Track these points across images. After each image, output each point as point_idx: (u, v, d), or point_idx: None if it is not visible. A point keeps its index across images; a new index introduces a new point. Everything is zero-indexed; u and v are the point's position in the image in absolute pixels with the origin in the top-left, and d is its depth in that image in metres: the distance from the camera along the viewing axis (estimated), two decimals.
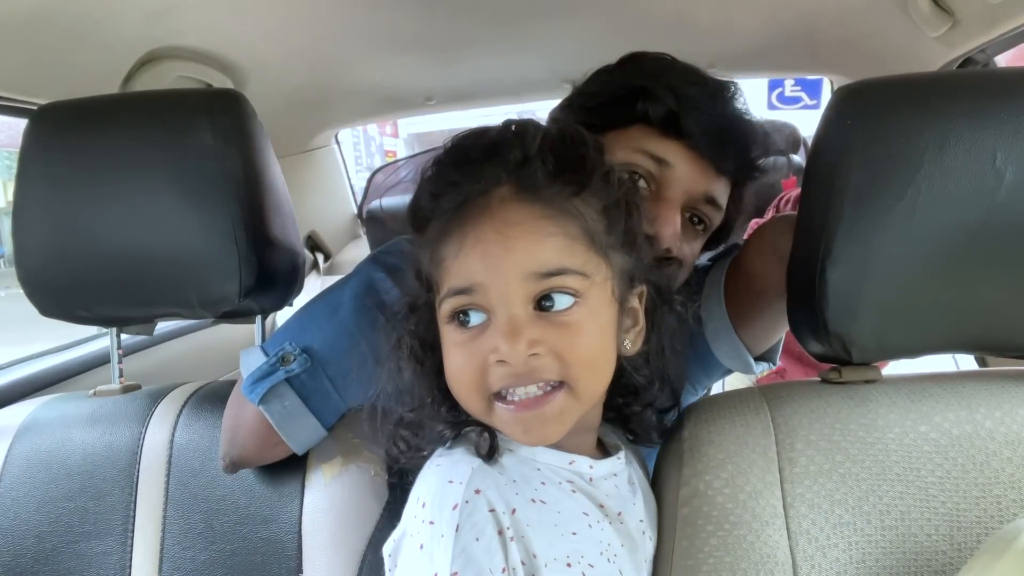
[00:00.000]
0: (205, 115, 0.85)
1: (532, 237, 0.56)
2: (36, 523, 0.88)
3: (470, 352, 0.57)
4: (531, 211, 0.56)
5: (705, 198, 0.86)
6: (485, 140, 0.60)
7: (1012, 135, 0.64)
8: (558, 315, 0.56)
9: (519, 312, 0.56)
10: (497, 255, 0.56)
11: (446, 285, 0.58)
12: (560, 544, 0.58)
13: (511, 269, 0.55)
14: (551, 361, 0.56)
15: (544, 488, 0.60)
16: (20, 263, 0.88)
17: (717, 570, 0.65)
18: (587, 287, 0.57)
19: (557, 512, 0.60)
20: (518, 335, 0.55)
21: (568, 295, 0.56)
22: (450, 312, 0.58)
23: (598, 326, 0.59)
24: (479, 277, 0.56)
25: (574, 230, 0.57)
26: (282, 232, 0.91)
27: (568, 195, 0.57)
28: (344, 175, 2.40)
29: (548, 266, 0.56)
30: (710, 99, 0.85)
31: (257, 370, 0.79)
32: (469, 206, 0.57)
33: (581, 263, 0.57)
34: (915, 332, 0.70)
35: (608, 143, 0.87)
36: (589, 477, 0.64)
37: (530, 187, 0.57)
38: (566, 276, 0.56)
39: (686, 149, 0.83)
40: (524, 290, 0.56)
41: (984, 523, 0.65)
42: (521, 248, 0.55)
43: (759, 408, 0.72)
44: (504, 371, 0.56)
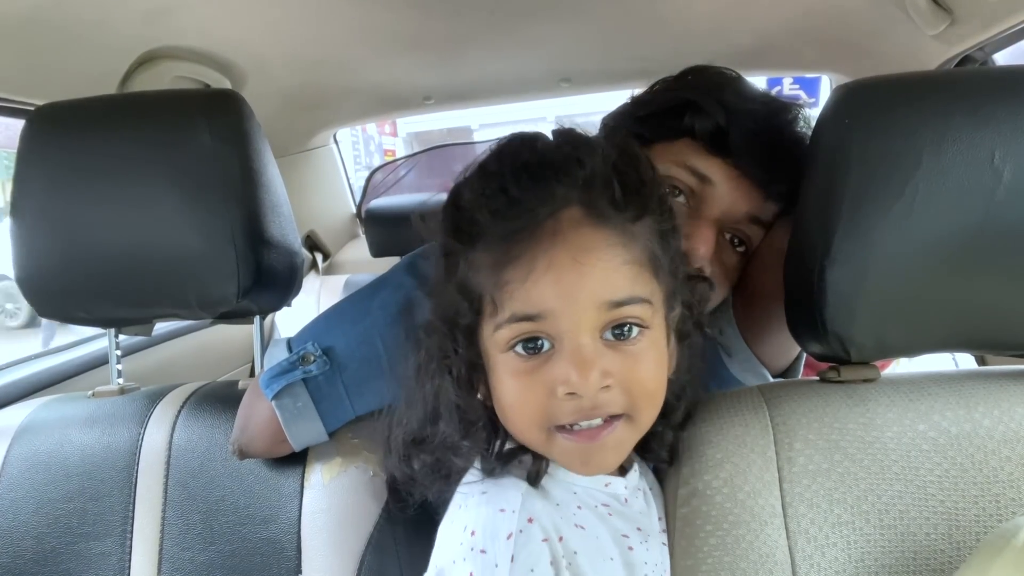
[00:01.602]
0: (203, 116, 0.85)
1: (607, 264, 0.54)
2: (35, 524, 0.88)
3: (533, 383, 0.55)
4: (604, 236, 0.54)
5: (748, 218, 0.84)
6: (546, 155, 0.56)
7: (1010, 134, 0.64)
8: (626, 345, 0.55)
9: (589, 342, 0.54)
10: (572, 282, 0.53)
11: (509, 310, 0.55)
12: (603, 568, 0.57)
13: (586, 297, 0.53)
14: (619, 395, 0.55)
15: (581, 512, 0.60)
16: (18, 264, 0.88)
17: (716, 570, 0.65)
18: (650, 315, 0.56)
19: (596, 537, 0.59)
20: (591, 367, 0.53)
21: (635, 324, 0.55)
22: (510, 340, 0.56)
23: (659, 354, 0.58)
24: (551, 304, 0.53)
25: (642, 256, 0.56)
26: (280, 232, 0.91)
27: (632, 219, 0.56)
28: (343, 175, 2.40)
29: (621, 294, 0.54)
30: (763, 118, 0.84)
31: (277, 365, 0.79)
32: (540, 228, 0.54)
33: (648, 291, 0.56)
34: (914, 331, 0.70)
35: (654, 155, 0.87)
36: (624, 498, 0.63)
37: (600, 211, 0.54)
38: (635, 305, 0.55)
39: (731, 168, 0.82)
40: (596, 319, 0.54)
41: (983, 521, 0.65)
42: (597, 276, 0.53)
43: (758, 407, 0.72)
44: (573, 404, 0.54)
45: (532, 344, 0.55)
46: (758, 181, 0.83)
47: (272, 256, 0.89)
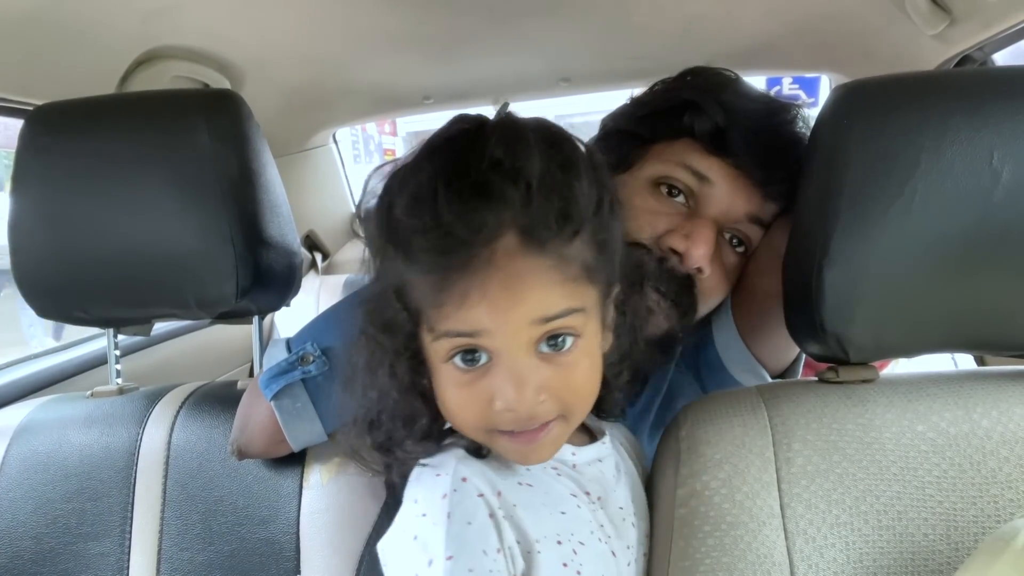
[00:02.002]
0: (202, 116, 0.84)
1: (541, 288, 0.54)
2: (34, 524, 0.88)
3: (473, 394, 0.56)
4: (538, 263, 0.53)
5: (748, 218, 0.85)
6: (480, 174, 0.53)
7: (1009, 134, 0.64)
8: (560, 356, 0.56)
9: (524, 358, 0.55)
10: (505, 308, 0.53)
11: (443, 327, 0.55)
12: (550, 521, 0.60)
13: (518, 318, 0.54)
14: (553, 404, 0.57)
15: (529, 472, 0.62)
16: (16, 264, 0.88)
17: (714, 570, 0.65)
18: (584, 322, 0.57)
19: (545, 492, 0.61)
20: (526, 384, 0.54)
21: (569, 335, 0.56)
22: (447, 352, 0.56)
23: (592, 356, 0.59)
24: (484, 324, 0.54)
25: (575, 271, 0.55)
26: (279, 232, 0.91)
27: (568, 239, 0.55)
28: (342, 174, 2.40)
29: (554, 310, 0.54)
30: (763, 118, 0.84)
31: (276, 366, 0.79)
32: (474, 259, 0.53)
33: (580, 301, 0.56)
34: (912, 331, 0.70)
35: (653, 154, 0.87)
36: (572, 464, 0.65)
37: (534, 237, 0.53)
38: (568, 317, 0.55)
39: (730, 168, 0.83)
40: (529, 335, 0.54)
41: (981, 522, 0.65)
42: (530, 299, 0.54)
43: (756, 408, 0.72)
44: (511, 416, 0.56)
45: (470, 356, 0.56)
46: (757, 181, 0.83)
47: (271, 256, 0.89)
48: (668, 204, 0.86)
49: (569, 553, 0.59)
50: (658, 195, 0.86)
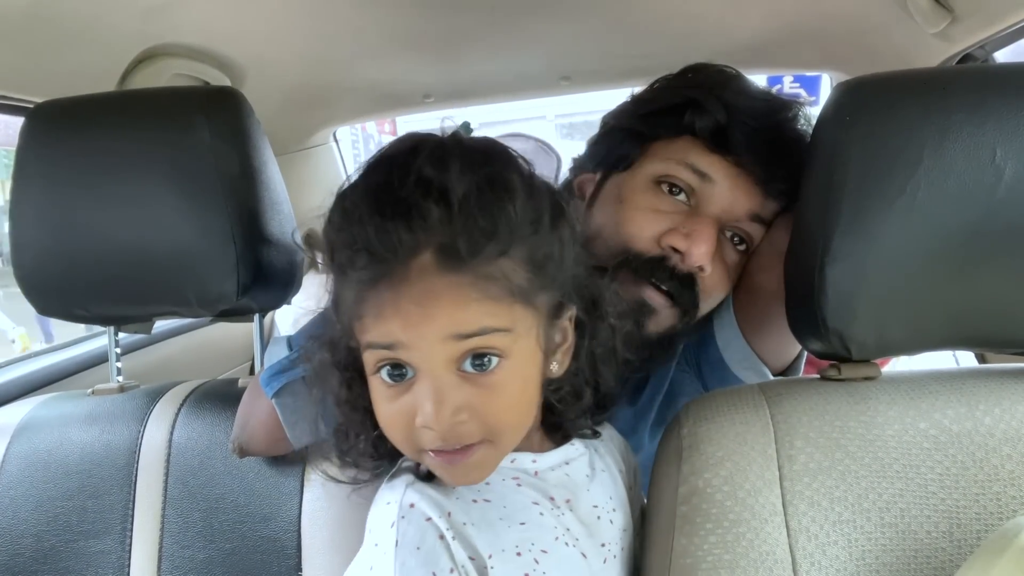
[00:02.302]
0: (202, 113, 0.84)
1: (454, 304, 0.53)
2: (34, 522, 0.88)
3: (398, 409, 0.56)
4: (452, 280, 0.53)
5: (749, 216, 0.85)
6: (403, 194, 0.53)
7: (1012, 131, 0.64)
8: (483, 377, 0.55)
9: (443, 375, 0.54)
10: (417, 323, 0.53)
11: (365, 339, 0.56)
12: (507, 534, 0.59)
13: (432, 333, 0.53)
14: (475, 426, 0.55)
15: (487, 487, 0.61)
16: (17, 262, 0.88)
17: (716, 568, 0.65)
18: (511, 343, 0.55)
19: (503, 507, 0.60)
20: (443, 402, 0.54)
21: (493, 355, 0.55)
22: (374, 364, 0.57)
23: (522, 380, 0.58)
24: (399, 337, 0.54)
25: (497, 291, 0.54)
26: (280, 230, 0.91)
27: (492, 256, 0.54)
28: (343, 173, 2.40)
29: (469, 327, 0.53)
30: (764, 116, 0.83)
31: (277, 363, 0.79)
32: (389, 275, 0.53)
33: (505, 321, 0.55)
34: (914, 329, 0.70)
35: (654, 152, 0.87)
36: (533, 471, 0.64)
37: (449, 257, 0.53)
38: (489, 336, 0.54)
39: (731, 165, 0.83)
40: (446, 352, 0.54)
41: (984, 520, 0.65)
42: (442, 316, 0.53)
43: (758, 405, 0.71)
44: (431, 435, 0.55)
45: (397, 371, 0.56)
46: (758, 179, 0.83)
47: (272, 254, 0.89)
48: (669, 202, 0.85)
49: (530, 563, 0.59)
50: (659, 193, 0.86)
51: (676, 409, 0.77)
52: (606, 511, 0.68)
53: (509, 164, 0.58)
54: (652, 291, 0.84)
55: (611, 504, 0.69)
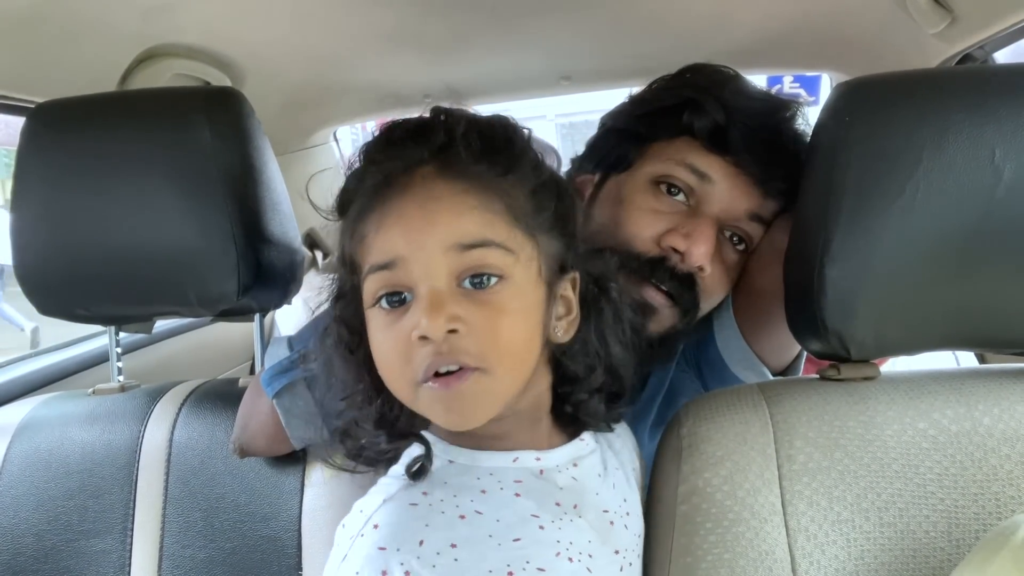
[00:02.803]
0: (203, 113, 0.84)
1: (454, 210, 0.55)
2: (35, 521, 0.88)
3: (394, 334, 0.55)
4: (454, 186, 0.55)
5: (748, 216, 0.85)
6: (411, 124, 0.60)
7: (1011, 132, 0.64)
8: (482, 293, 0.55)
9: (441, 287, 0.54)
10: (418, 228, 0.54)
11: (368, 262, 0.57)
12: (497, 553, 0.55)
13: (433, 242, 0.54)
14: (471, 343, 0.54)
15: (483, 497, 0.58)
16: (18, 261, 0.88)
17: (716, 567, 0.65)
18: (511, 264, 0.56)
19: (495, 521, 0.57)
20: (439, 309, 0.53)
21: (493, 275, 0.55)
22: (374, 294, 0.57)
23: (523, 306, 0.57)
24: (401, 251, 0.55)
25: (498, 206, 0.56)
26: (280, 230, 0.91)
27: (494, 175, 0.57)
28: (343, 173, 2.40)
29: (470, 238, 0.54)
30: (762, 116, 0.83)
31: (278, 364, 0.79)
32: (391, 183, 0.56)
33: (504, 238, 0.55)
34: (914, 329, 0.70)
35: (652, 153, 0.87)
36: (539, 470, 0.61)
37: (454, 165, 0.56)
38: (489, 249, 0.55)
39: (730, 165, 0.82)
40: (447, 264, 0.54)
41: (982, 519, 0.65)
42: (443, 221, 0.54)
43: (757, 405, 0.72)
44: (427, 350, 0.54)
45: (395, 298, 0.56)
46: (757, 178, 0.83)
47: (272, 254, 0.89)
48: (668, 203, 0.86)
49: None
50: (658, 194, 0.86)
51: (675, 409, 0.77)
52: (619, 515, 0.66)
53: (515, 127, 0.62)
54: (652, 291, 0.84)
55: (625, 508, 0.67)
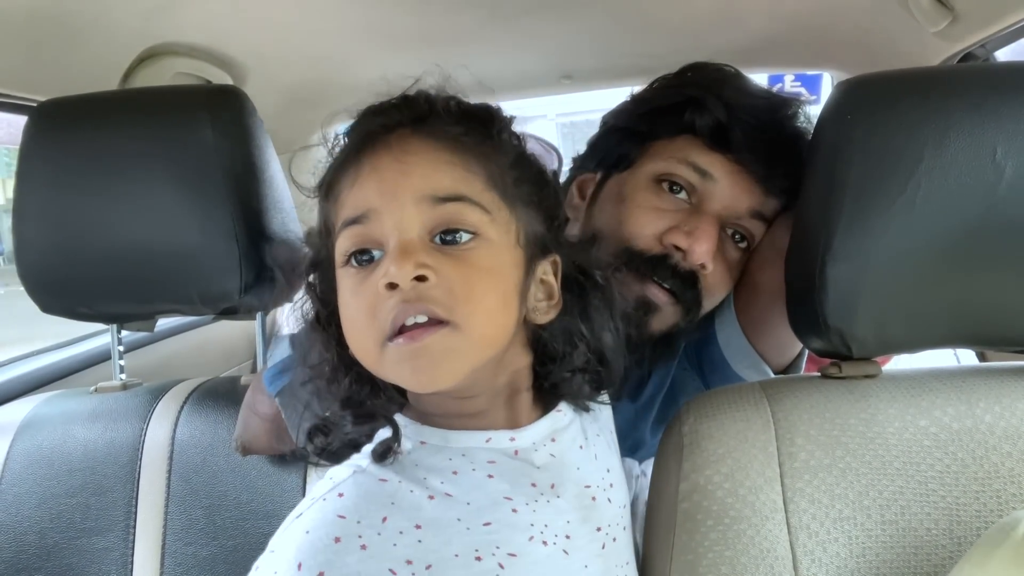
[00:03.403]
0: (205, 112, 0.85)
1: (429, 164, 0.55)
2: (38, 519, 0.88)
3: (364, 289, 0.54)
4: (431, 143, 0.56)
5: (750, 214, 0.85)
6: (395, 97, 0.61)
7: (1012, 130, 0.64)
8: (455, 248, 0.54)
9: (412, 238, 0.53)
10: (392, 180, 0.54)
11: (341, 218, 0.56)
12: (462, 538, 0.54)
13: (406, 193, 0.54)
14: (440, 293, 0.52)
15: (455, 479, 0.56)
16: (20, 260, 0.88)
17: (717, 565, 0.65)
18: (486, 223, 0.55)
19: (465, 504, 0.55)
20: (408, 256, 0.52)
21: (466, 231, 0.54)
22: (345, 252, 0.55)
23: (497, 266, 0.56)
24: (374, 203, 0.54)
25: (475, 166, 0.56)
26: (283, 228, 0.91)
27: (472, 142, 0.57)
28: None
29: (444, 191, 0.54)
30: (764, 113, 0.84)
31: (280, 362, 0.79)
32: (368, 141, 0.57)
33: (480, 197, 0.55)
34: (915, 327, 0.70)
35: (654, 151, 0.87)
36: (513, 451, 0.59)
37: (430, 127, 0.57)
38: (463, 204, 0.54)
39: (732, 163, 0.83)
40: (419, 216, 0.53)
41: (984, 517, 0.66)
42: (417, 173, 0.54)
43: (759, 403, 0.72)
44: (393, 300, 0.52)
45: (365, 256, 0.55)
46: (759, 176, 0.83)
47: None
48: (670, 201, 0.86)
49: (492, 567, 0.54)
50: (660, 192, 0.86)
51: (677, 407, 0.77)
52: (602, 489, 0.64)
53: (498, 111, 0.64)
54: (655, 288, 0.84)
55: (608, 479, 0.65)
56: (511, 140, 0.62)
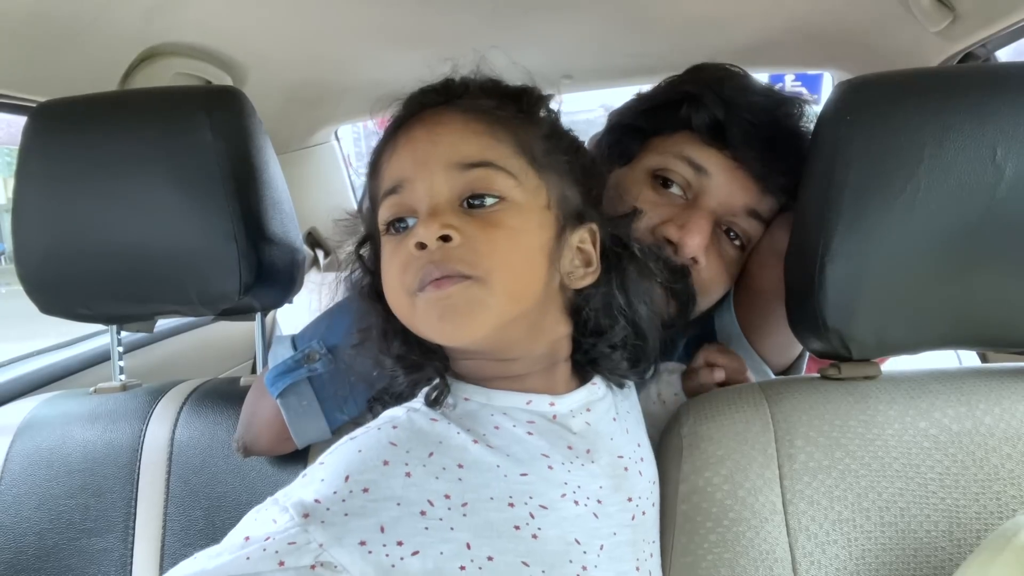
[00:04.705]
0: (205, 112, 0.84)
1: (457, 134, 0.58)
2: (37, 520, 0.88)
3: (398, 252, 0.58)
4: (461, 114, 0.60)
5: (746, 211, 0.84)
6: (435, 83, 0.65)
7: (1012, 130, 0.64)
8: (481, 211, 0.57)
9: (441, 203, 0.56)
10: (423, 149, 0.58)
11: (381, 190, 0.60)
12: (499, 484, 0.56)
13: (435, 161, 0.57)
14: (466, 252, 0.55)
15: (496, 432, 0.59)
16: (20, 261, 0.88)
17: (716, 566, 0.65)
18: (512, 187, 0.57)
19: (506, 455, 0.58)
20: (434, 217, 0.55)
21: (493, 195, 0.57)
22: (385, 221, 0.60)
23: (523, 225, 0.58)
24: (407, 172, 0.58)
25: (503, 135, 0.59)
26: (282, 229, 0.91)
27: (503, 116, 0.60)
28: (344, 172, 2.40)
29: (471, 158, 0.57)
30: (763, 112, 0.83)
31: (282, 364, 0.79)
32: (406, 120, 0.62)
33: (507, 163, 0.58)
34: (915, 328, 0.70)
35: (652, 147, 0.88)
36: (552, 415, 0.61)
37: (466, 99, 0.61)
38: (489, 170, 0.57)
39: (728, 160, 0.82)
40: (448, 182, 0.57)
41: (983, 519, 0.65)
42: (446, 141, 0.58)
43: (758, 404, 0.72)
44: (422, 259, 0.55)
45: (402, 223, 0.59)
46: (756, 174, 0.83)
47: (274, 253, 0.89)
48: (665, 195, 0.86)
49: (523, 516, 0.56)
50: (656, 187, 0.86)
51: None
52: (634, 461, 0.65)
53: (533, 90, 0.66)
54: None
55: (639, 453, 0.67)
56: (544, 114, 0.65)
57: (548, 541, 0.56)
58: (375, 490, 0.52)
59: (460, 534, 0.53)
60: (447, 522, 0.53)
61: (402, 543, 0.51)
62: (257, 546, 0.48)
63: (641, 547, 0.64)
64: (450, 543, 0.53)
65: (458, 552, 0.53)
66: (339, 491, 0.51)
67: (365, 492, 0.51)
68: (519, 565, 0.55)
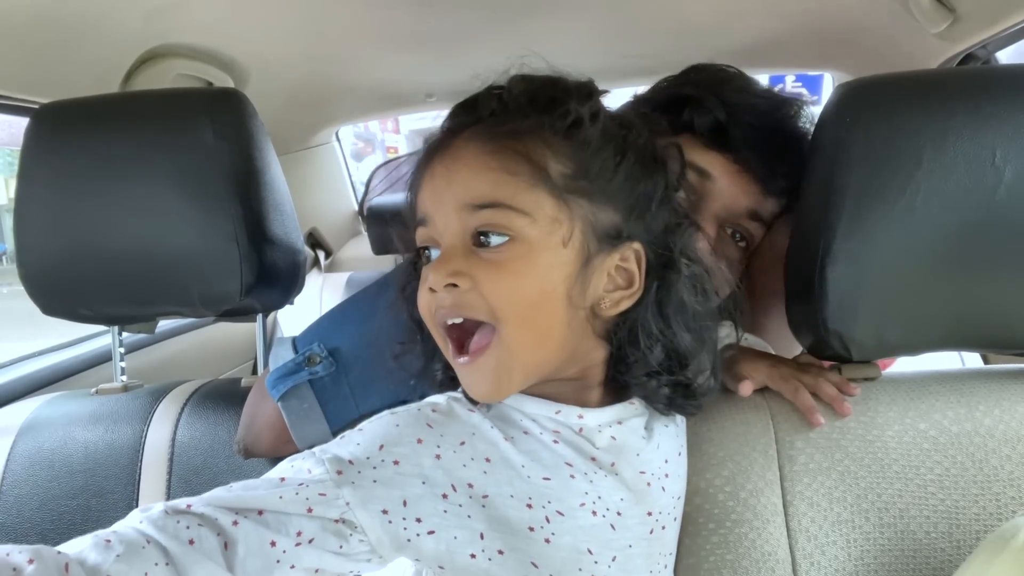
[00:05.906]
0: (206, 115, 0.85)
1: (471, 171, 0.57)
2: (38, 521, 0.88)
3: (425, 281, 0.59)
4: (477, 149, 0.58)
5: (748, 214, 0.84)
6: (471, 97, 0.62)
7: (1012, 133, 0.64)
8: (489, 252, 0.56)
9: (455, 243, 0.57)
10: (441, 187, 0.58)
11: (416, 219, 0.61)
12: (522, 483, 0.57)
13: (449, 199, 0.57)
14: (474, 298, 0.56)
15: (525, 437, 0.59)
16: (22, 261, 0.88)
17: (718, 568, 0.65)
18: (524, 225, 0.56)
19: (533, 459, 0.58)
20: (443, 263, 0.56)
21: (500, 234, 0.56)
22: (417, 248, 0.61)
23: (532, 265, 0.56)
24: (428, 208, 0.59)
25: (518, 168, 0.56)
26: (283, 230, 0.91)
27: (524, 132, 0.57)
28: (345, 172, 2.40)
29: (481, 199, 0.56)
30: (764, 114, 0.83)
31: (283, 366, 0.79)
32: (436, 148, 0.60)
33: (519, 200, 0.56)
34: (914, 330, 0.70)
35: None
36: (578, 428, 0.61)
37: (485, 130, 0.59)
38: (498, 210, 0.56)
39: (730, 163, 0.82)
40: (460, 222, 0.57)
41: (983, 520, 0.66)
42: (460, 180, 0.57)
43: (759, 406, 0.72)
44: (436, 302, 0.58)
45: (428, 252, 0.61)
46: (758, 176, 0.83)
47: (275, 254, 0.89)
48: None
49: (539, 519, 0.57)
50: None
51: None
52: (657, 477, 0.63)
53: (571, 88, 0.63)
54: None
55: (664, 469, 0.64)
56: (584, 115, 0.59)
57: (560, 547, 0.57)
58: (405, 464, 0.54)
59: (476, 523, 0.55)
60: (466, 509, 0.55)
61: (420, 520, 0.54)
62: (291, 488, 0.53)
63: (656, 559, 0.64)
64: (465, 530, 0.55)
65: (471, 540, 0.55)
66: (372, 457, 0.54)
67: (396, 464, 0.54)
68: (528, 565, 0.56)
